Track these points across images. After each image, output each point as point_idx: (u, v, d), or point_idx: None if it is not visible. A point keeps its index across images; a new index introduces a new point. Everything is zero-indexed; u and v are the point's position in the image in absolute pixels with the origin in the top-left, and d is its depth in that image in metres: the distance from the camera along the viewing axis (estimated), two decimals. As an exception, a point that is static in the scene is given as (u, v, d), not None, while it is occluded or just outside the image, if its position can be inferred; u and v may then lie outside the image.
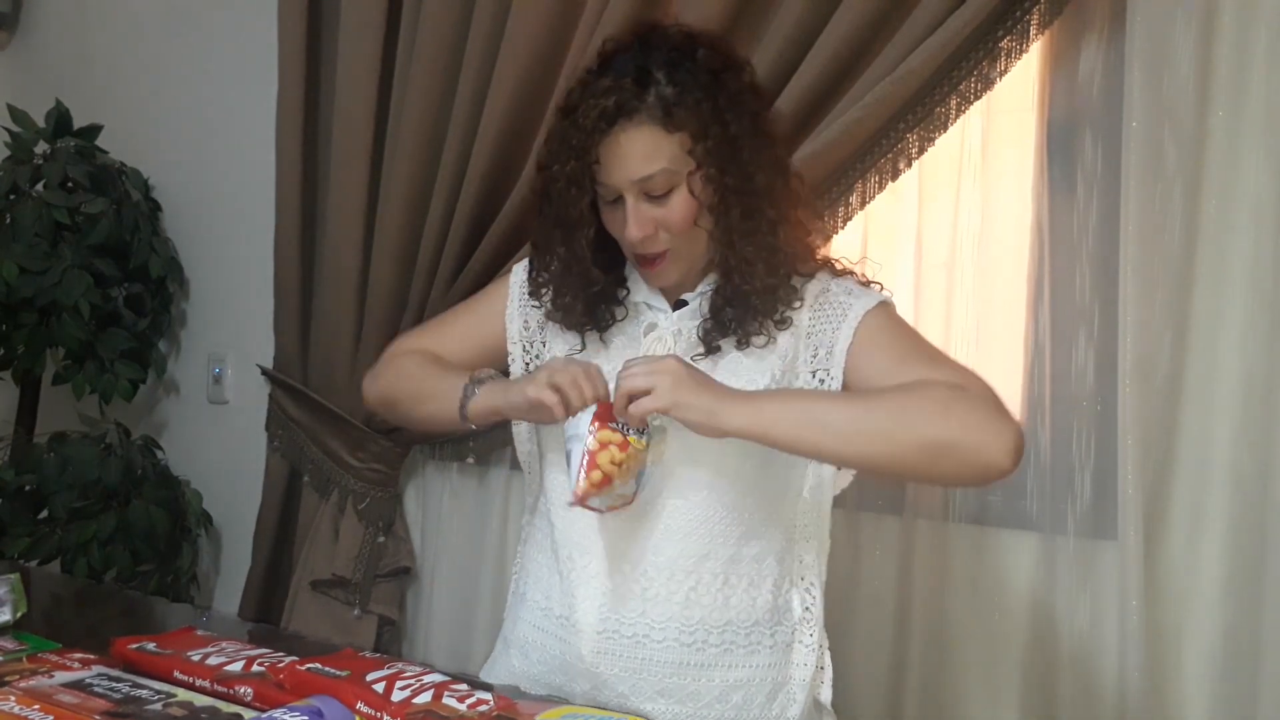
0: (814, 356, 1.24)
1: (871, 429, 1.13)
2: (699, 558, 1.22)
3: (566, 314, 1.30)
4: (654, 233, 1.21)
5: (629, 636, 1.22)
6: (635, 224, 1.20)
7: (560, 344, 1.32)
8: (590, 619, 1.23)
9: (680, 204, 1.20)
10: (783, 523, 1.27)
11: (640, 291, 1.30)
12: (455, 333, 1.41)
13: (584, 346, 1.30)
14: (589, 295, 1.28)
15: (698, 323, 1.26)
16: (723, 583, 1.23)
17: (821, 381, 1.24)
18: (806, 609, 1.30)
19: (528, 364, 1.36)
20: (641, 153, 1.18)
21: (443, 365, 1.35)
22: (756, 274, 1.21)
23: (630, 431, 1.12)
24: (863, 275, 1.30)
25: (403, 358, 1.39)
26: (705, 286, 1.27)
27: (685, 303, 1.28)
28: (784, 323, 1.24)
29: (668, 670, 1.22)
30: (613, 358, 1.26)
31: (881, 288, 1.30)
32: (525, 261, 1.38)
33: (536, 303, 1.35)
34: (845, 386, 1.23)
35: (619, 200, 1.21)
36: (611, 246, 1.27)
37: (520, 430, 1.39)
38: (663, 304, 1.28)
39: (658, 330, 1.27)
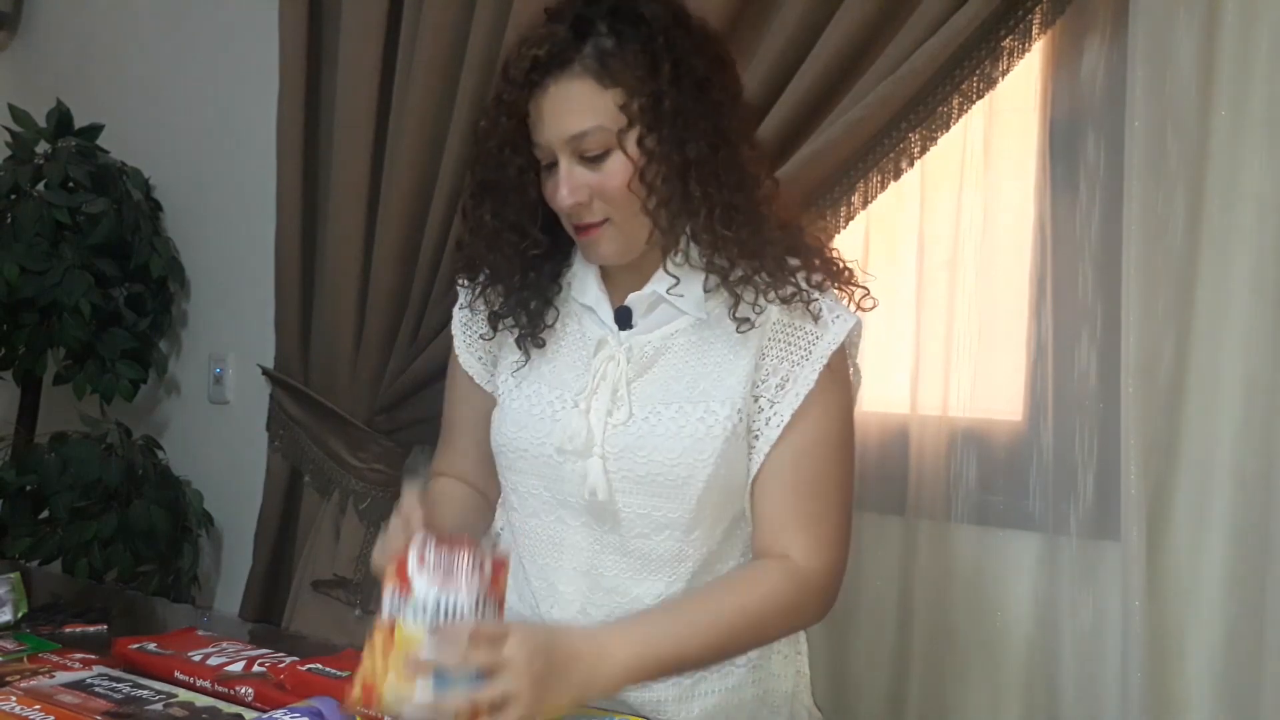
0: (780, 386, 1.15)
1: (729, 654, 1.15)
2: (662, 589, 1.17)
3: (502, 310, 1.21)
4: (588, 200, 1.11)
5: None
6: (567, 186, 1.10)
7: (509, 356, 1.23)
8: None
9: (616, 169, 1.10)
10: (743, 542, 1.22)
11: (585, 292, 1.20)
12: (459, 430, 1.31)
13: (528, 358, 1.21)
14: (523, 280, 1.18)
15: (651, 335, 1.16)
16: None
17: (768, 421, 1.15)
18: None
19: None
20: (574, 108, 1.09)
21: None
22: (702, 227, 1.11)
23: (411, 610, 0.88)
24: (842, 277, 1.19)
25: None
26: (654, 287, 1.16)
27: (628, 310, 1.17)
28: (748, 316, 1.14)
29: (642, 708, 1.18)
30: (561, 372, 1.19)
31: (857, 303, 1.20)
32: (456, 311, 1.30)
33: (480, 325, 1.26)
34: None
35: (555, 166, 1.12)
36: (559, 238, 1.18)
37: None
38: (606, 312, 1.18)
39: (608, 349, 1.17)
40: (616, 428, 1.15)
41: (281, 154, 2.05)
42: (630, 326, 1.18)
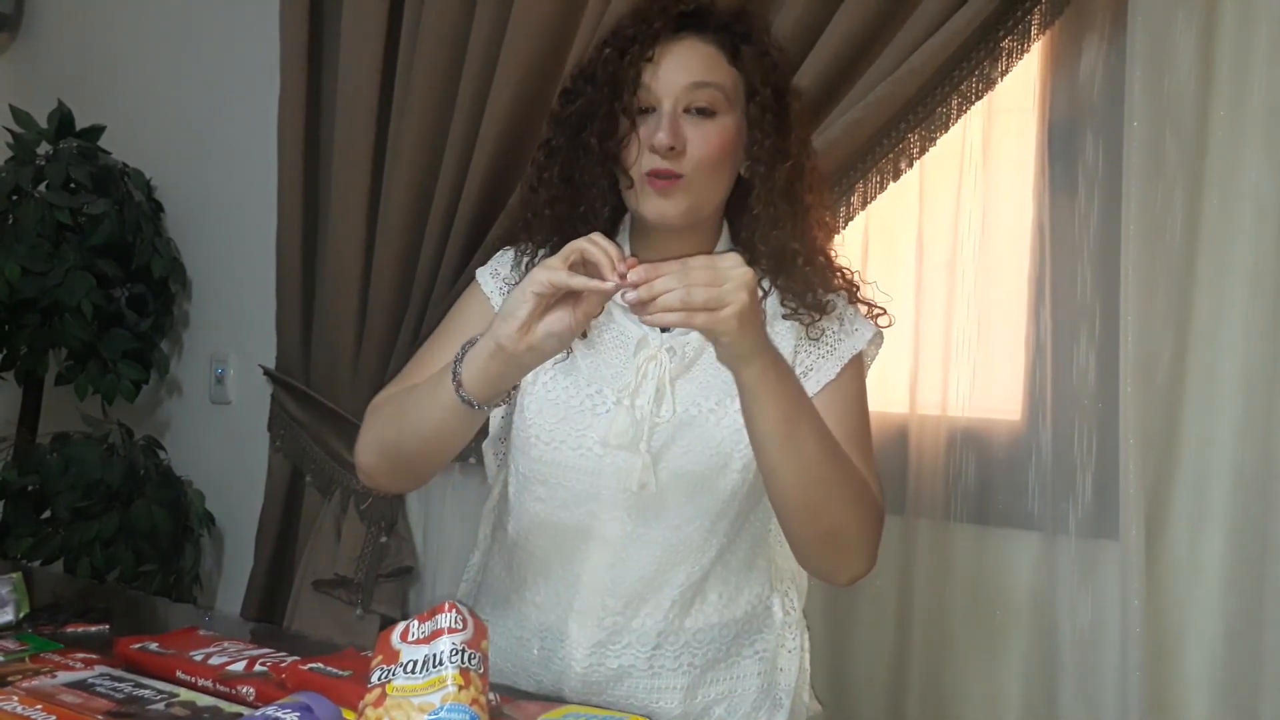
0: (802, 375, 1.19)
1: (819, 461, 1.08)
2: (683, 579, 1.21)
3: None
4: (682, 149, 1.14)
5: (614, 668, 1.22)
6: (669, 128, 1.13)
7: None
8: (579, 654, 1.22)
9: (719, 129, 1.15)
10: (755, 531, 1.26)
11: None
12: (438, 362, 1.15)
13: (570, 350, 1.21)
14: (608, 216, 1.20)
15: (691, 335, 1.18)
16: (702, 600, 1.23)
17: None
18: (786, 613, 1.30)
19: None
20: (701, 63, 1.15)
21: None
22: (789, 236, 1.18)
23: (400, 669, 0.89)
24: (861, 294, 1.26)
25: (381, 405, 1.22)
26: None
27: None
28: (803, 316, 1.20)
29: (652, 694, 1.22)
30: (600, 367, 1.21)
31: (875, 318, 1.26)
32: (492, 262, 1.30)
33: (516, 280, 1.24)
34: None
35: (650, 114, 1.15)
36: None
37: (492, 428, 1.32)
38: None
39: (649, 348, 1.20)
40: (661, 424, 1.17)
41: (281, 154, 2.06)
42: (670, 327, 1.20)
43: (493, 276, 1.28)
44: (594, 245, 1.00)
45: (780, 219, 1.18)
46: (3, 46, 2.70)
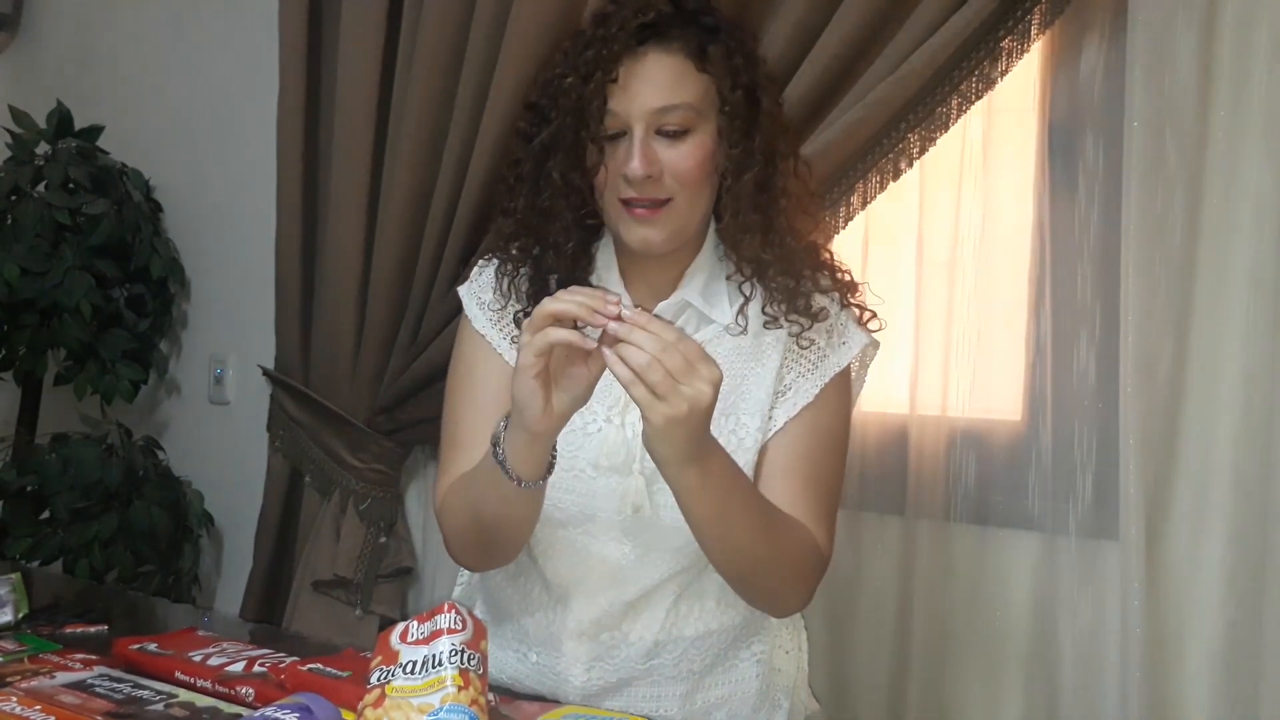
0: (781, 394, 1.18)
1: (744, 558, 1.10)
2: (680, 589, 1.20)
3: (537, 284, 1.18)
4: (659, 175, 1.11)
5: (612, 681, 1.22)
6: (642, 157, 1.09)
7: None
8: (577, 669, 1.22)
9: (694, 148, 1.11)
10: None
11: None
12: (481, 426, 1.15)
13: None
14: (576, 250, 1.17)
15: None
16: (700, 608, 1.22)
17: (763, 420, 1.18)
18: None
19: None
20: (667, 81, 1.10)
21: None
22: (759, 247, 1.14)
23: (400, 670, 0.88)
24: (856, 297, 1.25)
25: (448, 510, 1.20)
26: (682, 294, 1.18)
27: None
28: (769, 320, 1.18)
29: (650, 702, 1.22)
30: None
31: (865, 322, 1.24)
32: (473, 285, 1.27)
33: (502, 304, 1.23)
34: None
35: (621, 137, 1.11)
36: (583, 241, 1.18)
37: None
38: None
39: None
40: None
41: (281, 154, 2.06)
42: None
43: (479, 307, 1.25)
44: (564, 303, 0.95)
45: (750, 227, 1.15)
46: (2, 46, 2.70)
